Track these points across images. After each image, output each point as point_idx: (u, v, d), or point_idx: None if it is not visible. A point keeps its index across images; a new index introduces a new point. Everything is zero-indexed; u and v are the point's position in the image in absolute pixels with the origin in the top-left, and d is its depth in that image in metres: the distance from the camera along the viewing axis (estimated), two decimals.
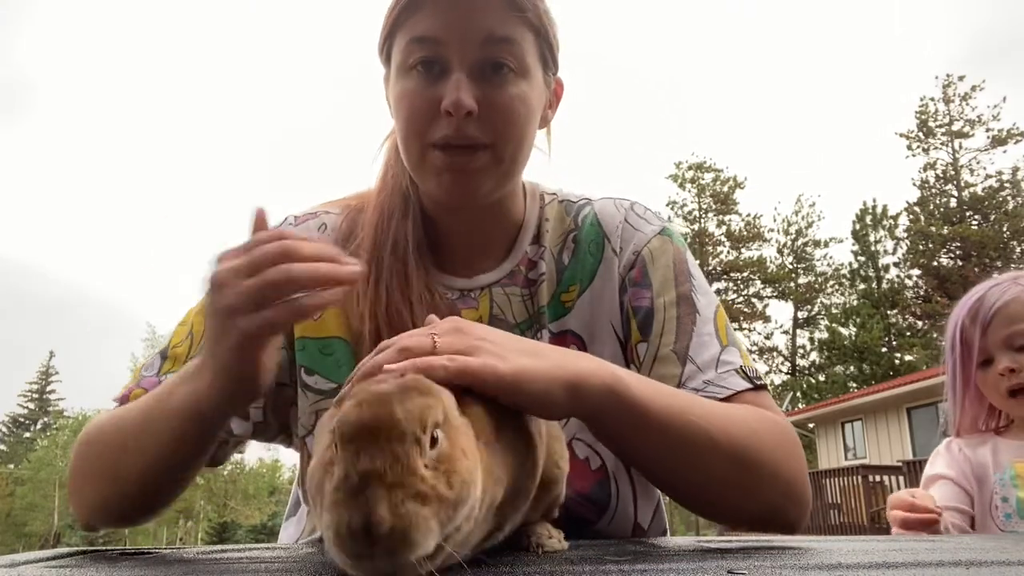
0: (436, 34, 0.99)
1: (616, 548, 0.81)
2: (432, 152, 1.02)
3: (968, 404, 1.76)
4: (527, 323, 1.11)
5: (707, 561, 0.65)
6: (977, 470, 1.69)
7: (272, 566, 0.68)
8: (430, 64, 1.00)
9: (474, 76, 1.00)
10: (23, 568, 0.66)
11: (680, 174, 38.97)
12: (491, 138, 1.01)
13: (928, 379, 15.57)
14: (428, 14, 0.99)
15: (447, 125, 0.99)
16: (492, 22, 0.99)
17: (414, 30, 1.01)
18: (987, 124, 33.35)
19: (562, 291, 1.13)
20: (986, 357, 1.69)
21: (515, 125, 1.02)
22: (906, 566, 0.61)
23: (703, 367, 1.02)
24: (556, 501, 0.83)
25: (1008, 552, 0.72)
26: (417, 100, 1.01)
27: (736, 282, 37.99)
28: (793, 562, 0.64)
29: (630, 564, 0.64)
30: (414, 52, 1.01)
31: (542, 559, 0.70)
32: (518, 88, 1.02)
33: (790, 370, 36.66)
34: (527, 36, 1.03)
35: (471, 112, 0.98)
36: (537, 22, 1.03)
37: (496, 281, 1.14)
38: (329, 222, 1.18)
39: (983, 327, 1.67)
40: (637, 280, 1.12)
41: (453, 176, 1.02)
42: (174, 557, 0.77)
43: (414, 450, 0.55)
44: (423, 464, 0.55)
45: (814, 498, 13.66)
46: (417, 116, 1.01)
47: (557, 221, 1.19)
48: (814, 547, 0.77)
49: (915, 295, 33.65)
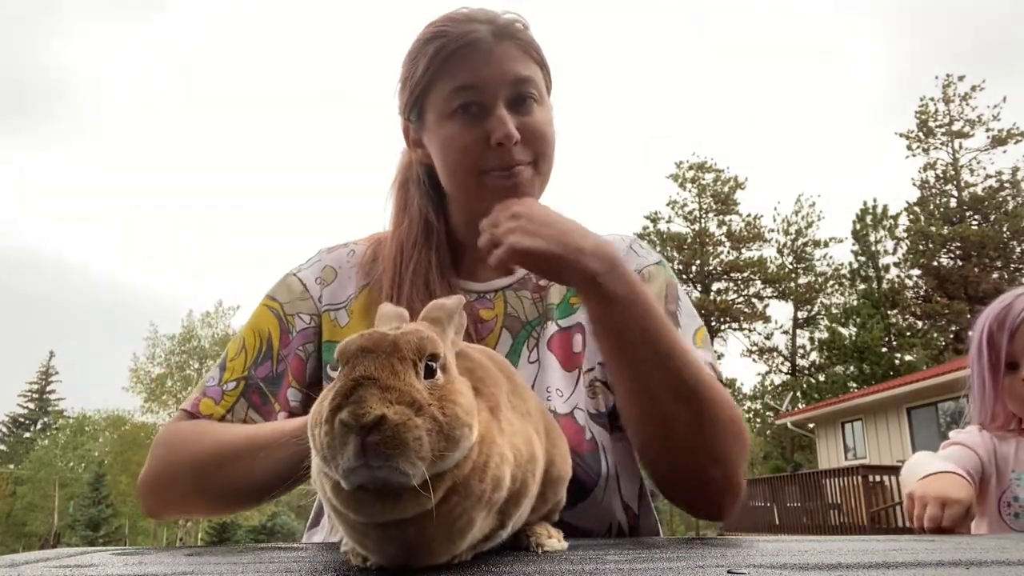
0: (475, 82, 1.19)
1: (616, 548, 0.81)
2: (486, 177, 1.21)
3: (999, 407, 1.80)
4: (537, 320, 1.29)
5: (707, 561, 0.65)
6: (1000, 460, 1.73)
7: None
8: (468, 107, 1.19)
9: (509, 110, 1.20)
10: (23, 568, 0.67)
11: (681, 174, 38.97)
12: (532, 156, 1.23)
13: (928, 379, 15.59)
14: (465, 67, 1.19)
15: (498, 154, 1.19)
16: (516, 66, 1.21)
17: (454, 81, 1.19)
18: (987, 124, 33.34)
19: (571, 295, 1.31)
20: (1011, 361, 1.74)
21: (548, 143, 1.25)
22: (906, 566, 0.61)
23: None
24: (557, 506, 0.84)
25: (1008, 552, 0.72)
26: (467, 138, 1.20)
27: (736, 282, 37.99)
28: (793, 562, 0.64)
29: (630, 564, 0.64)
30: (456, 99, 1.19)
31: (542, 559, 0.70)
32: (543, 114, 1.24)
33: (790, 370, 36.67)
34: (537, 71, 1.25)
35: (517, 141, 1.18)
36: (539, 59, 1.26)
37: (509, 285, 1.32)
38: (357, 249, 1.37)
39: (1011, 333, 1.73)
40: None
41: (510, 192, 1.20)
42: (173, 559, 0.77)
43: (410, 368, 0.57)
44: (420, 382, 0.57)
45: (815, 498, 13.56)
46: (470, 151, 1.20)
47: None
48: (814, 547, 0.77)
49: (915, 295, 33.66)
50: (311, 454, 0.60)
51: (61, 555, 0.77)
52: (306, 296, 1.30)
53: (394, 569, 0.61)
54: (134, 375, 32.23)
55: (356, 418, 0.53)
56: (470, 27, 1.19)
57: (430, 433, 0.55)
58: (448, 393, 0.58)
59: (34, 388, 45.69)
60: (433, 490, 0.56)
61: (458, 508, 0.60)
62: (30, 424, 45.20)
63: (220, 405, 1.20)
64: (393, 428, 0.53)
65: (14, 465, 39.68)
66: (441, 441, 0.56)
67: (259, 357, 1.25)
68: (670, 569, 0.60)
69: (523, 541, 0.77)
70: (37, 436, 43.04)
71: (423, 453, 0.54)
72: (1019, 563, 0.64)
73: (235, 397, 1.21)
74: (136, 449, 30.93)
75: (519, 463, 0.68)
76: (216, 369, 1.26)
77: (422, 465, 0.54)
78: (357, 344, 0.59)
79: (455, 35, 1.19)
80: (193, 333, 32.92)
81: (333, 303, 1.30)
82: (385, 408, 0.53)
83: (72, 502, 32.82)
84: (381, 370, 0.56)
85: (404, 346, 0.58)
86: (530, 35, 1.25)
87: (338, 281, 1.32)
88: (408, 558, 0.60)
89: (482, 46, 1.18)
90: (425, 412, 0.55)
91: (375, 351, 0.57)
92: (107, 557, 0.78)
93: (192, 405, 1.21)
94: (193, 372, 32.65)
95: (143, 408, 32.47)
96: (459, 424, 0.57)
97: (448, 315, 0.69)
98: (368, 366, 0.56)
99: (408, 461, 0.53)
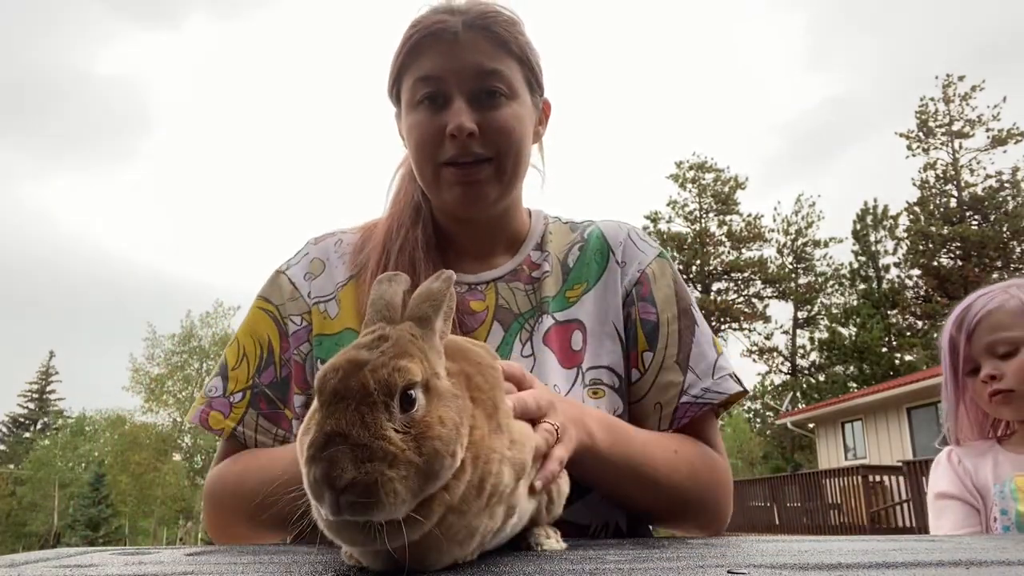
0: (437, 73, 1.18)
1: (616, 548, 0.81)
2: (443, 170, 1.20)
3: (964, 411, 1.77)
4: (530, 312, 1.26)
5: (707, 561, 0.65)
6: (979, 483, 1.69)
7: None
8: (434, 97, 1.19)
9: (472, 103, 1.18)
10: (23, 568, 0.67)
11: (681, 174, 38.98)
12: (493, 152, 1.20)
13: (928, 379, 15.57)
14: (428, 57, 1.19)
15: (453, 146, 1.17)
16: (482, 58, 1.18)
17: (418, 71, 1.20)
18: (987, 124, 33.32)
19: (567, 288, 1.29)
20: (973, 366, 1.71)
21: (511, 139, 1.21)
22: (906, 566, 0.61)
23: (702, 375, 1.22)
24: (555, 515, 0.85)
25: (1008, 552, 0.72)
26: (426, 128, 1.19)
27: (736, 282, 37.99)
28: (793, 562, 0.64)
29: (630, 564, 0.64)
30: (419, 90, 1.20)
31: (542, 559, 0.70)
32: (511, 109, 1.21)
33: (790, 370, 36.65)
34: (512, 65, 1.22)
35: (473, 133, 1.16)
36: (520, 53, 1.23)
37: (500, 277, 1.29)
38: (345, 239, 1.36)
39: (968, 335, 1.70)
40: (644, 295, 1.29)
41: (464, 188, 1.21)
42: (171, 559, 0.77)
43: (381, 414, 0.56)
44: (392, 428, 0.56)
45: (815, 498, 13.58)
46: (428, 141, 1.19)
47: (561, 235, 1.37)
48: (814, 547, 0.77)
49: (915, 295, 33.64)
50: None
51: (61, 555, 0.77)
52: (296, 296, 1.29)
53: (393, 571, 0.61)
54: (133, 375, 32.22)
55: (328, 480, 0.53)
56: (441, 18, 1.18)
57: (406, 479, 0.55)
58: (426, 428, 0.57)
59: (34, 388, 45.67)
60: (427, 516, 0.57)
61: (455, 526, 0.60)
62: (30, 424, 45.17)
63: (229, 418, 1.21)
64: (363, 489, 0.53)
65: (14, 465, 39.66)
66: (419, 480, 0.56)
67: (261, 364, 1.24)
68: (670, 569, 0.60)
69: (522, 541, 0.77)
70: (37, 436, 43.00)
71: (399, 502, 0.54)
72: (1019, 563, 0.64)
73: (243, 408, 1.21)
74: (136, 449, 30.91)
75: (518, 460, 0.68)
76: (218, 379, 1.25)
77: (402, 507, 0.55)
78: (331, 387, 0.58)
79: (425, 25, 1.19)
80: (193, 333, 32.89)
81: (322, 295, 1.28)
82: (356, 470, 0.53)
83: (72, 502, 32.80)
84: (352, 424, 0.55)
85: (375, 388, 0.57)
86: (512, 29, 1.22)
87: (326, 272, 1.31)
88: (403, 569, 0.60)
89: (447, 36, 1.17)
90: (399, 461, 0.55)
91: (347, 398, 0.56)
92: (107, 557, 0.77)
93: (200, 419, 1.21)
94: (193, 372, 32.64)
95: (143, 408, 32.46)
96: (438, 459, 0.57)
97: (435, 307, 0.67)
98: (339, 419, 0.55)
99: (384, 514, 0.54)
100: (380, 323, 0.68)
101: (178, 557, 0.77)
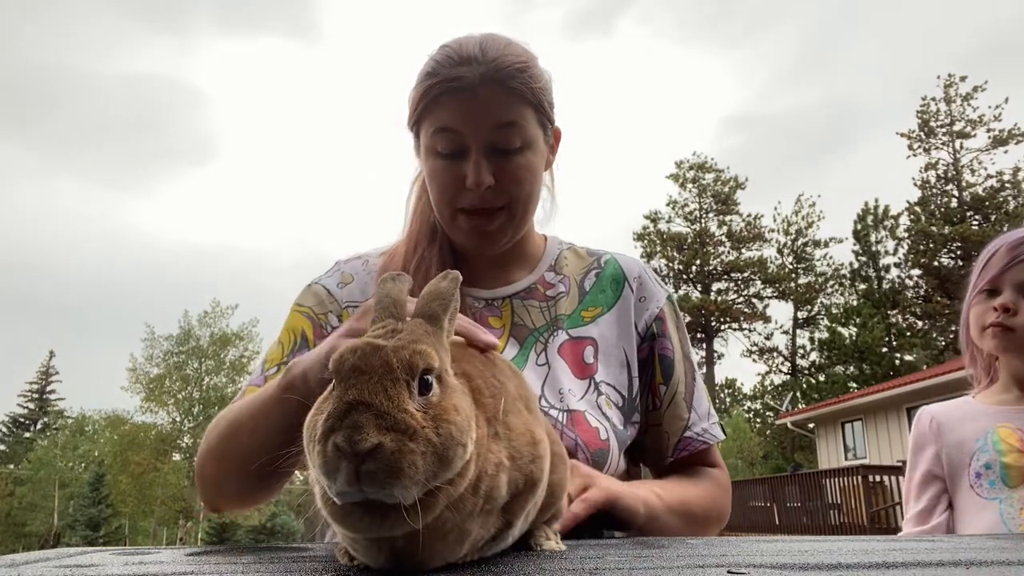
0: (456, 126, 1.23)
1: (616, 548, 0.81)
2: (460, 216, 1.28)
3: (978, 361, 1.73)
4: (545, 327, 1.34)
5: (707, 561, 0.65)
6: (952, 450, 1.66)
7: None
8: (452, 148, 1.24)
9: (488, 155, 1.24)
10: (23, 568, 0.66)
11: (681, 174, 39.00)
12: (506, 201, 1.27)
13: (928, 379, 15.57)
14: (447, 109, 1.23)
15: (471, 196, 1.25)
16: (498, 110, 1.22)
17: (437, 122, 1.24)
18: (988, 124, 33.34)
19: (583, 308, 1.37)
20: (994, 287, 1.66)
21: (524, 189, 1.28)
22: (906, 566, 0.61)
23: (701, 416, 1.36)
24: (556, 515, 0.85)
25: (1008, 552, 0.72)
26: (446, 177, 1.26)
27: (736, 282, 38.01)
28: (793, 562, 0.64)
29: (630, 564, 0.64)
30: (439, 139, 1.24)
31: (542, 559, 0.70)
32: (524, 159, 1.26)
33: (790, 370, 36.68)
34: (527, 113, 1.25)
35: (490, 186, 1.23)
36: (533, 99, 1.26)
37: (516, 293, 1.37)
38: (371, 261, 1.43)
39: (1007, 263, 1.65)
40: (664, 332, 1.39)
41: (478, 235, 1.29)
42: (172, 559, 0.77)
43: (403, 389, 0.56)
44: (412, 405, 0.56)
45: (814, 498, 13.64)
46: (447, 189, 1.26)
47: (577, 259, 1.46)
48: (814, 547, 0.77)
49: (916, 295, 33.65)
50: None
51: (61, 555, 0.77)
52: (332, 299, 1.36)
53: (392, 571, 0.61)
54: (132, 375, 32.19)
55: (351, 444, 0.52)
56: (458, 71, 1.21)
57: (424, 456, 0.54)
58: (443, 411, 0.57)
59: (34, 388, 45.73)
60: (427, 509, 0.56)
61: (449, 523, 0.60)
62: (30, 424, 45.21)
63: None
64: (389, 456, 0.52)
65: (14, 465, 39.68)
66: (435, 462, 0.55)
67: (295, 347, 1.30)
68: (670, 569, 0.60)
69: (523, 541, 0.77)
70: (37, 436, 43.03)
71: (417, 478, 0.54)
72: (1019, 563, 0.64)
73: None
74: (136, 449, 30.89)
75: (520, 465, 0.68)
76: (257, 366, 1.32)
77: (415, 489, 0.54)
78: (350, 363, 0.58)
79: (444, 78, 1.22)
80: (191, 333, 32.86)
81: (352, 301, 1.35)
82: (381, 436, 0.53)
83: (72, 502, 32.80)
84: (375, 394, 0.55)
85: (397, 365, 0.57)
86: (526, 78, 1.24)
87: (356, 283, 1.38)
88: (398, 566, 0.60)
89: (465, 93, 1.21)
90: (419, 436, 0.54)
91: (368, 372, 0.56)
92: (107, 557, 0.77)
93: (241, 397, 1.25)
94: (191, 372, 32.61)
95: (141, 408, 32.43)
96: (453, 444, 0.56)
97: (443, 306, 0.67)
98: (362, 389, 0.55)
99: (402, 487, 0.53)
100: (389, 319, 0.68)
101: (178, 557, 0.77)
